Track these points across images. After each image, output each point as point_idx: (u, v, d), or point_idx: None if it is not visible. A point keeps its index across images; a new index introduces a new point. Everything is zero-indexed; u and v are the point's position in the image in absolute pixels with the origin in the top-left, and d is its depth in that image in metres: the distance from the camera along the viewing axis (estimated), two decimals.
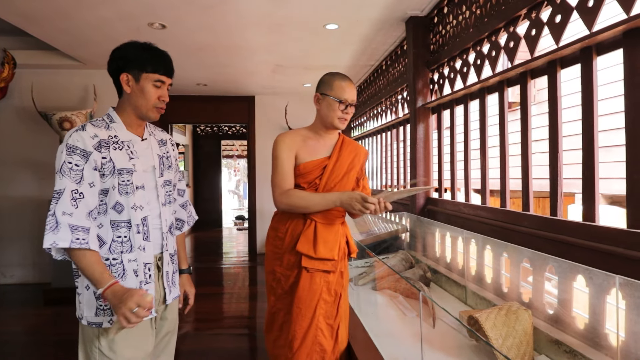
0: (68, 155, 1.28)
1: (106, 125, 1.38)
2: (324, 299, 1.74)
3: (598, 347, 1.41)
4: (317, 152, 1.80)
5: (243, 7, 2.97)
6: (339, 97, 1.72)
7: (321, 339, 1.73)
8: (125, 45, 1.41)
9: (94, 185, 1.31)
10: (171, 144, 1.62)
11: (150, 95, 1.38)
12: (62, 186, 1.26)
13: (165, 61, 1.42)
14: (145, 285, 1.40)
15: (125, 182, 1.36)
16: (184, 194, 1.71)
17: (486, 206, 2.42)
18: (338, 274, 1.78)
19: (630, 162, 1.46)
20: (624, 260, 1.44)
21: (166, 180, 1.52)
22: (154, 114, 1.42)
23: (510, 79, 2.21)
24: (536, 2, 1.93)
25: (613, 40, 1.54)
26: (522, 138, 2.09)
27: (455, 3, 2.73)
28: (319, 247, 1.71)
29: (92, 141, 1.30)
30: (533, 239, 1.93)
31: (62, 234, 1.21)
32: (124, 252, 1.35)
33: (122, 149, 1.37)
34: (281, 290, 1.81)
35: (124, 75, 1.37)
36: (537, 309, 1.72)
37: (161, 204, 1.47)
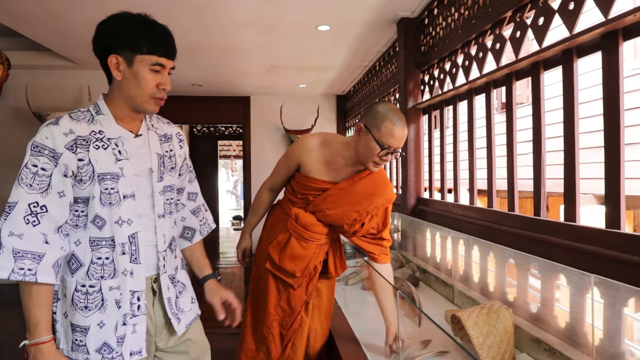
0: (33, 157, 1.03)
1: (90, 118, 1.11)
2: (282, 307, 1.71)
3: (576, 345, 1.43)
4: (328, 174, 1.65)
5: (235, 7, 2.98)
6: (383, 143, 1.48)
7: (269, 343, 1.72)
8: (112, 18, 1.13)
9: (64, 195, 1.06)
10: (179, 139, 1.31)
11: (146, 82, 1.10)
12: (16, 198, 1.02)
13: (165, 39, 1.13)
14: (133, 318, 1.12)
15: (109, 190, 1.09)
16: (195, 197, 1.42)
17: (474, 206, 2.44)
18: (302, 290, 1.70)
19: (608, 162, 1.48)
20: (603, 259, 1.46)
21: (167, 185, 1.23)
22: (152, 106, 1.14)
23: (496, 81, 2.23)
24: (521, 4, 1.95)
25: (592, 42, 1.56)
26: (507, 139, 2.12)
27: (445, 5, 2.75)
28: (284, 259, 1.65)
29: (64, 139, 1.05)
30: (518, 238, 1.95)
31: (2, 260, 0.98)
32: (105, 277, 1.10)
33: (107, 147, 1.10)
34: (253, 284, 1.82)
35: (113, 57, 1.08)
36: (520, 308, 1.74)
37: (158, 215, 1.18)
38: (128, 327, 1.12)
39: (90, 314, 1.09)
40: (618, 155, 1.44)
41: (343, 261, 1.86)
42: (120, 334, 1.11)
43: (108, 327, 1.10)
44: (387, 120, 1.47)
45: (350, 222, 1.63)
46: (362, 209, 1.61)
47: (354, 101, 5.83)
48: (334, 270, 1.78)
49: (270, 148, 6.30)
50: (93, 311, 1.09)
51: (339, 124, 6.47)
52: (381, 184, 1.64)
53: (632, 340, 1.29)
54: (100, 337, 1.09)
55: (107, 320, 1.10)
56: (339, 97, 6.43)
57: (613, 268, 1.40)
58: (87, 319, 1.09)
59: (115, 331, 1.10)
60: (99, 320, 1.10)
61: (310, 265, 1.68)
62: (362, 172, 1.64)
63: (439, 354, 1.67)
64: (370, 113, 1.53)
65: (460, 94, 2.63)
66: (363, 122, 1.54)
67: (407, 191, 3.21)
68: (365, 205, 1.61)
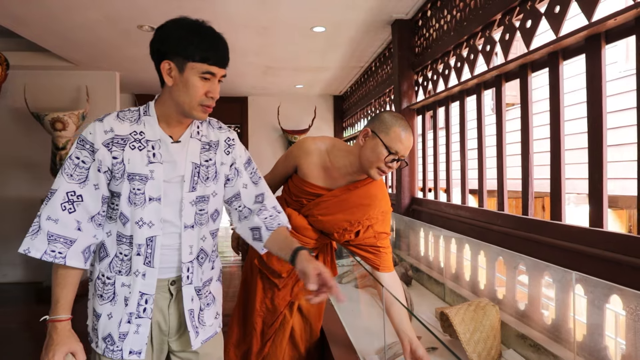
0: (77, 149, 1.10)
1: (136, 118, 1.15)
2: (266, 304, 1.74)
3: (559, 340, 1.47)
4: (324, 180, 1.63)
5: (231, 9, 3.02)
6: (391, 147, 1.45)
7: (252, 337, 1.76)
8: (170, 24, 1.14)
9: (99, 188, 1.11)
10: (227, 144, 1.27)
11: (195, 90, 1.11)
12: (57, 185, 1.08)
13: (218, 48, 1.14)
14: (137, 319, 1.13)
15: (135, 190, 1.11)
16: (263, 199, 1.34)
17: (465, 206, 2.48)
18: (286, 291, 1.72)
19: (591, 163, 1.51)
20: (587, 257, 1.50)
21: (201, 195, 1.20)
22: (200, 113, 1.14)
23: (486, 82, 2.27)
24: (509, 7, 1.99)
25: (577, 46, 1.60)
26: (497, 139, 2.15)
27: (438, 7, 2.79)
28: (272, 258, 1.67)
29: (103, 136, 1.10)
30: (506, 237, 1.99)
31: (37, 242, 1.06)
32: (122, 273, 1.14)
33: (143, 149, 1.13)
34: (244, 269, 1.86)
35: (165, 63, 1.11)
36: (506, 305, 1.78)
37: (185, 225, 1.17)
38: (132, 326, 1.14)
39: (104, 304, 1.15)
40: (601, 156, 1.48)
41: (334, 266, 1.87)
42: (123, 330, 1.14)
43: (114, 320, 1.14)
44: (396, 125, 1.46)
45: (340, 231, 1.61)
46: (353, 219, 1.58)
47: (350, 102, 5.87)
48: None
49: (268, 148, 6.34)
50: (106, 302, 1.15)
51: (336, 125, 6.51)
52: (377, 196, 1.61)
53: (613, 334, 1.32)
54: (107, 327, 1.14)
55: (115, 314, 1.14)
56: (336, 97, 6.47)
57: (597, 266, 1.44)
58: (101, 307, 1.15)
59: (119, 326, 1.14)
60: (109, 312, 1.15)
61: None
62: (358, 182, 1.61)
63: (428, 350, 1.70)
64: (378, 119, 1.51)
65: (453, 95, 2.66)
66: (370, 127, 1.51)
67: (402, 191, 3.25)
68: (357, 216, 1.58)
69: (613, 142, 4.18)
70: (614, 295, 1.27)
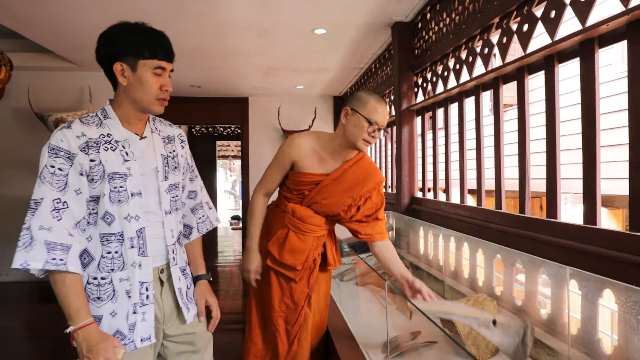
0: (50, 158, 1.12)
1: (98, 122, 1.21)
2: (286, 302, 1.76)
3: (554, 333, 1.52)
4: (320, 167, 1.73)
5: (233, 12, 3.07)
6: (370, 118, 1.59)
7: (277, 340, 1.77)
8: (113, 28, 1.20)
9: (81, 193, 1.15)
10: (180, 139, 1.40)
11: (150, 85, 1.19)
12: (41, 195, 1.10)
13: (164, 44, 1.22)
14: (142, 307, 1.20)
15: (118, 188, 1.18)
16: (195, 196, 1.48)
17: (464, 204, 2.53)
18: (303, 284, 1.76)
19: (585, 163, 1.57)
20: (581, 253, 1.55)
21: (172, 184, 1.32)
22: (157, 107, 1.23)
23: (485, 84, 2.33)
24: (507, 12, 2.04)
25: (571, 49, 1.65)
26: (495, 140, 2.21)
27: (437, 10, 2.85)
28: (284, 253, 1.72)
29: (77, 141, 1.14)
30: (504, 235, 2.05)
31: (35, 252, 1.06)
32: (115, 269, 1.18)
33: (116, 149, 1.19)
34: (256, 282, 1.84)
35: (118, 65, 1.17)
36: (504, 300, 1.83)
37: (165, 211, 1.27)
38: (138, 315, 1.19)
39: (103, 304, 1.17)
40: (594, 156, 1.53)
41: (338, 254, 1.93)
42: (132, 321, 1.18)
43: (120, 316, 1.18)
44: (372, 99, 1.62)
45: (346, 208, 1.71)
46: (355, 194, 1.71)
47: None
48: (333, 261, 1.84)
49: (268, 148, 6.39)
50: (105, 301, 1.16)
51: (336, 125, 6.55)
52: (369, 170, 1.74)
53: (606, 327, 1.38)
54: (112, 325, 1.17)
55: (118, 310, 1.17)
56: (336, 98, 6.52)
57: (591, 261, 1.49)
58: (99, 309, 1.16)
59: (127, 319, 1.18)
60: (111, 310, 1.17)
61: (310, 258, 1.74)
62: (350, 161, 1.73)
63: (427, 344, 1.76)
64: (355, 97, 1.67)
65: (452, 96, 2.72)
66: (349, 106, 1.66)
67: (401, 190, 3.30)
68: (357, 191, 1.71)
69: (610, 143, 4.23)
70: (606, 289, 1.33)
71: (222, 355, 2.91)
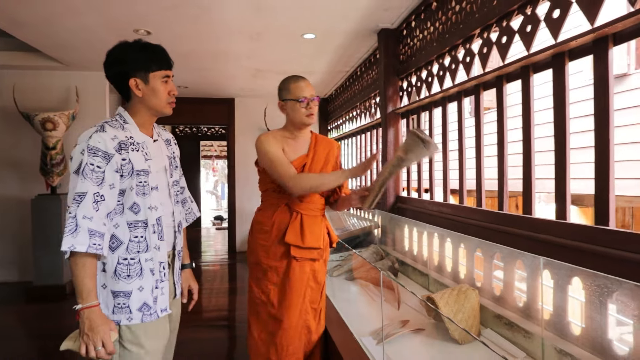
0: (90, 157, 1.28)
1: (121, 126, 1.38)
2: (311, 286, 1.90)
3: (530, 318, 1.68)
4: (297, 151, 1.92)
5: (227, 16, 3.16)
6: (299, 97, 1.83)
7: (309, 322, 1.91)
8: (120, 49, 1.39)
9: (114, 187, 1.31)
10: (174, 143, 1.64)
11: (162, 93, 1.41)
12: (85, 189, 1.26)
13: (165, 55, 1.43)
14: (161, 283, 1.41)
15: (142, 183, 1.37)
16: (183, 191, 1.71)
17: (447, 203, 2.70)
18: (322, 262, 1.94)
19: (557, 164, 1.74)
20: (553, 245, 1.72)
21: (175, 180, 1.55)
22: (169, 109, 1.45)
23: (467, 90, 2.49)
24: (487, 24, 2.21)
25: (545, 61, 1.83)
26: (476, 142, 2.38)
27: (422, 19, 3.01)
28: (306, 237, 1.84)
29: (112, 143, 1.31)
30: (484, 230, 2.21)
31: (80, 237, 1.22)
32: (141, 251, 1.36)
33: (139, 150, 1.38)
34: (267, 280, 1.89)
35: (132, 80, 1.37)
36: (485, 290, 1.99)
37: (174, 203, 1.50)
38: (159, 290, 1.41)
39: (132, 281, 1.35)
40: (564, 157, 1.71)
41: (331, 230, 2.07)
42: (155, 295, 1.39)
43: (146, 291, 1.37)
44: (290, 83, 1.87)
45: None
46: (332, 161, 1.98)
47: (335, 104, 6.06)
48: (334, 239, 2.03)
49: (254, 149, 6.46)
50: (134, 279, 1.35)
51: (322, 126, 6.70)
52: (328, 140, 2.03)
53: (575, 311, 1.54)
54: (140, 298, 1.35)
55: (145, 285, 1.36)
56: (322, 99, 6.65)
57: (563, 252, 1.65)
58: (129, 285, 1.34)
59: (152, 293, 1.38)
60: (139, 286, 1.35)
61: (325, 236, 1.94)
62: (311, 140, 1.97)
63: (415, 331, 1.91)
64: (279, 90, 1.92)
65: (435, 101, 2.88)
66: (279, 99, 1.91)
67: (387, 190, 3.45)
68: (331, 158, 1.97)
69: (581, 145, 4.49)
70: (575, 276, 1.50)
71: (209, 350, 3.03)
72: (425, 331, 1.92)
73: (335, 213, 4.69)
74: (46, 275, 4.23)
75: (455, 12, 2.52)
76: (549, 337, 1.55)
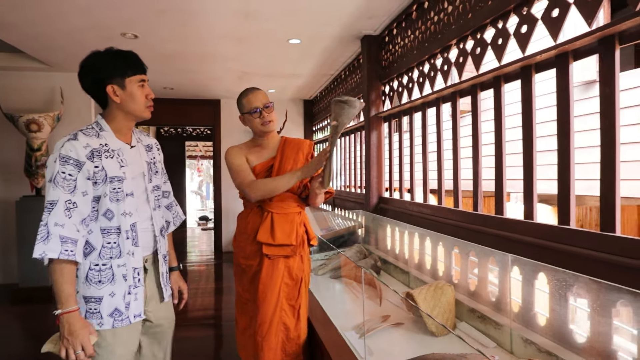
0: (61, 165, 1.30)
1: (96, 134, 1.40)
2: (286, 282, 1.97)
3: (500, 311, 1.82)
4: (262, 156, 2.01)
5: (213, 21, 3.23)
6: (251, 109, 1.91)
7: (285, 319, 1.98)
8: (94, 58, 1.40)
9: (87, 194, 1.34)
10: (157, 148, 1.66)
11: (139, 97, 1.43)
12: (56, 197, 1.29)
13: (138, 60, 1.46)
14: (135, 289, 1.42)
15: (116, 189, 1.39)
16: (169, 195, 1.74)
17: (426, 204, 2.83)
18: (298, 258, 1.98)
19: (525, 166, 1.87)
20: (521, 244, 1.86)
21: (155, 185, 1.57)
22: (147, 113, 1.47)
23: (444, 97, 2.62)
24: (463, 35, 2.34)
25: (514, 72, 1.96)
26: (453, 145, 2.51)
27: (403, 27, 3.13)
28: (276, 235, 1.91)
29: (84, 151, 1.33)
30: (460, 230, 2.34)
31: (52, 244, 1.25)
32: (113, 257, 1.38)
33: (113, 157, 1.40)
34: (246, 279, 2.01)
35: (110, 87, 1.39)
36: (460, 286, 2.12)
37: (152, 208, 1.52)
38: (132, 296, 1.42)
39: (103, 287, 1.37)
40: (531, 161, 1.83)
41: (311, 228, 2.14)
42: (127, 301, 1.41)
43: (118, 296, 1.39)
44: (243, 97, 1.96)
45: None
46: (301, 159, 2.02)
47: (320, 106, 6.17)
48: (313, 236, 2.08)
49: None
50: (106, 284, 1.37)
51: (306, 127, 6.79)
52: (298, 140, 2.07)
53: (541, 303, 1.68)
54: (111, 304, 1.38)
55: (117, 291, 1.39)
56: (307, 101, 6.75)
57: (530, 250, 1.79)
58: (100, 290, 1.37)
59: (124, 299, 1.40)
60: (110, 291, 1.38)
61: (299, 233, 1.98)
62: (280, 144, 2.03)
63: (395, 326, 2.02)
64: (237, 106, 2.00)
65: (416, 106, 3.01)
66: (239, 114, 1.99)
67: (370, 191, 3.58)
68: (300, 157, 2.02)
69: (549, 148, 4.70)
70: (540, 272, 1.63)
71: (196, 349, 3.10)
72: (405, 325, 2.04)
73: (322, 214, 4.80)
74: (31, 277, 4.22)
75: (434, 23, 2.65)
76: (517, 328, 1.68)
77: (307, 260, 2.06)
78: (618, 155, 1.46)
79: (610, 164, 1.47)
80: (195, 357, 2.95)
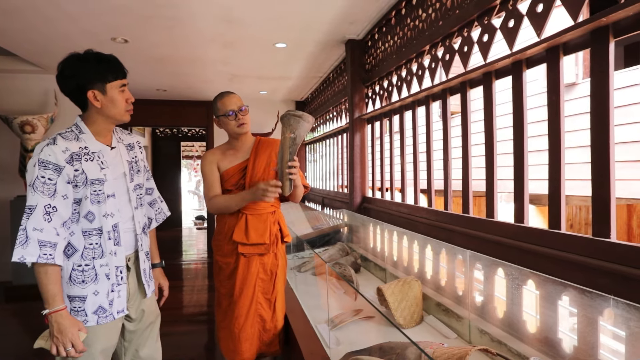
0: (40, 170, 1.32)
1: (76, 137, 1.42)
2: (261, 278, 2.09)
3: (462, 304, 1.92)
4: (236, 159, 2.09)
5: (200, 26, 3.33)
6: (226, 112, 1.99)
7: (261, 311, 2.10)
8: (74, 62, 1.41)
9: (67, 197, 1.36)
10: (138, 146, 1.68)
11: (120, 102, 1.45)
12: (35, 202, 1.30)
13: (119, 65, 1.47)
14: (118, 287, 1.48)
15: (97, 191, 1.41)
16: (152, 192, 1.77)
17: (404, 203, 2.93)
18: (272, 255, 2.09)
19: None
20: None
21: (137, 184, 1.59)
22: (127, 117, 1.50)
23: (419, 100, 2.73)
24: (434, 42, 2.44)
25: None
26: (426, 148, 2.61)
27: (383, 32, 3.23)
28: (250, 234, 2.03)
29: (63, 155, 1.35)
30: (432, 228, 2.45)
31: (30, 249, 1.27)
32: (96, 257, 1.42)
33: (93, 160, 1.42)
34: (224, 276, 2.12)
35: (90, 92, 1.40)
36: (429, 281, 2.23)
37: (133, 207, 1.55)
38: (115, 293, 1.48)
39: (87, 286, 1.43)
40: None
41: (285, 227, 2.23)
42: (110, 298, 1.47)
43: (101, 294, 1.45)
44: (217, 101, 2.02)
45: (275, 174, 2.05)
46: (273, 160, 2.09)
47: (312, 107, 6.27)
48: (287, 234, 2.17)
49: None
50: (89, 283, 1.43)
51: None
52: (271, 141, 2.15)
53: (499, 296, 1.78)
54: (95, 302, 1.44)
55: (100, 289, 1.44)
56: (298, 102, 6.85)
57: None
58: (84, 290, 1.42)
59: (107, 297, 1.46)
60: (94, 290, 1.44)
61: (272, 232, 2.08)
62: (253, 145, 2.11)
63: (365, 319, 2.13)
64: (212, 110, 2.07)
65: (395, 109, 3.11)
66: (214, 117, 2.07)
67: (354, 190, 3.68)
68: (273, 157, 2.09)
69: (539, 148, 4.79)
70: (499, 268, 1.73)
71: (188, 342, 3.20)
72: (375, 318, 2.14)
73: (310, 213, 4.91)
74: (25, 275, 4.32)
75: (410, 29, 2.76)
76: (475, 320, 1.79)
77: (281, 257, 2.16)
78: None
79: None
80: (187, 349, 3.05)
